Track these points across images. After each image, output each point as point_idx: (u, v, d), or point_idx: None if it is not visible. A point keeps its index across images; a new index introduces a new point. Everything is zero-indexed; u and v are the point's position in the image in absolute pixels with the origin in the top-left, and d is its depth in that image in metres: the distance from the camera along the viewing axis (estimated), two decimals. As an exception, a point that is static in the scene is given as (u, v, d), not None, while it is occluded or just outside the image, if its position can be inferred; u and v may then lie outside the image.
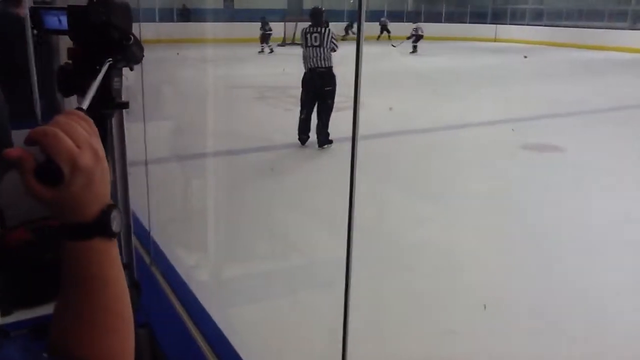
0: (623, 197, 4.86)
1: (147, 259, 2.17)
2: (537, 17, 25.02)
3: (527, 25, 25.25)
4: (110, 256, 0.55)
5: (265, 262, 3.58)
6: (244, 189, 4.96)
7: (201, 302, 2.04)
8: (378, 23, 22.82)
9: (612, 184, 5.18)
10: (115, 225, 0.54)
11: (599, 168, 5.73)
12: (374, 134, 6.52)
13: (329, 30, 6.11)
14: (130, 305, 0.57)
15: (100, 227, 0.53)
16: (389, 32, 22.61)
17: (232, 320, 2.67)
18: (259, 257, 3.64)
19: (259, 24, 18.55)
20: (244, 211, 4.39)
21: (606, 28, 21.29)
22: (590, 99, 10.18)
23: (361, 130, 1.37)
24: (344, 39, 19.01)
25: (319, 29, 6.07)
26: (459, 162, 5.87)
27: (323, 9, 6.56)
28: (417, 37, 19.14)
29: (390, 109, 8.03)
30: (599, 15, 23.17)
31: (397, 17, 27.21)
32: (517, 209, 4.50)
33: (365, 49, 1.36)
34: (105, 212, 0.53)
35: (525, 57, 17.24)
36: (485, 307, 2.83)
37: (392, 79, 12.33)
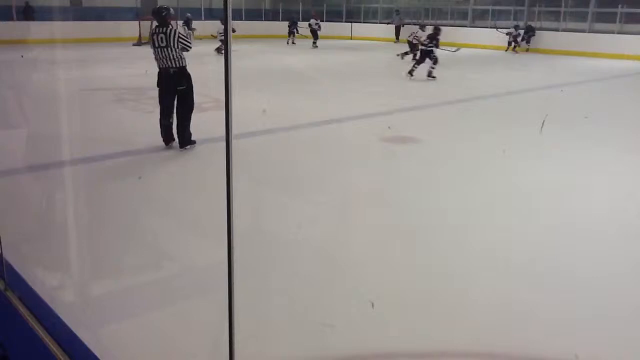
0: (492, 183, 5.26)
1: (0, 285, 1.96)
2: (389, 16, 26.43)
3: (380, 23, 26.64)
4: None
5: (139, 274, 3.39)
6: (108, 197, 4.66)
7: (69, 325, 1.88)
8: None
9: (483, 172, 5.59)
10: None
11: (460, 157, 6.15)
12: (244, 133, 6.48)
13: (175, 30, 5.95)
14: None
15: None
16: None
17: (105, 341, 2.50)
18: (131, 270, 3.43)
19: (112, 22, 17.11)
20: (111, 221, 4.13)
21: (450, 26, 23.10)
22: (443, 92, 11.03)
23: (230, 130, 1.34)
24: (199, 37, 18.50)
25: (164, 29, 5.89)
26: (331, 159, 6.02)
27: (168, 7, 6.22)
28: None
29: (264, 110, 8.01)
30: (444, 14, 25.14)
31: (255, 16, 27.32)
32: (394, 202, 4.64)
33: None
34: None
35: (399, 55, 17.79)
36: (373, 306, 2.84)
37: (254, 76, 12.35)
